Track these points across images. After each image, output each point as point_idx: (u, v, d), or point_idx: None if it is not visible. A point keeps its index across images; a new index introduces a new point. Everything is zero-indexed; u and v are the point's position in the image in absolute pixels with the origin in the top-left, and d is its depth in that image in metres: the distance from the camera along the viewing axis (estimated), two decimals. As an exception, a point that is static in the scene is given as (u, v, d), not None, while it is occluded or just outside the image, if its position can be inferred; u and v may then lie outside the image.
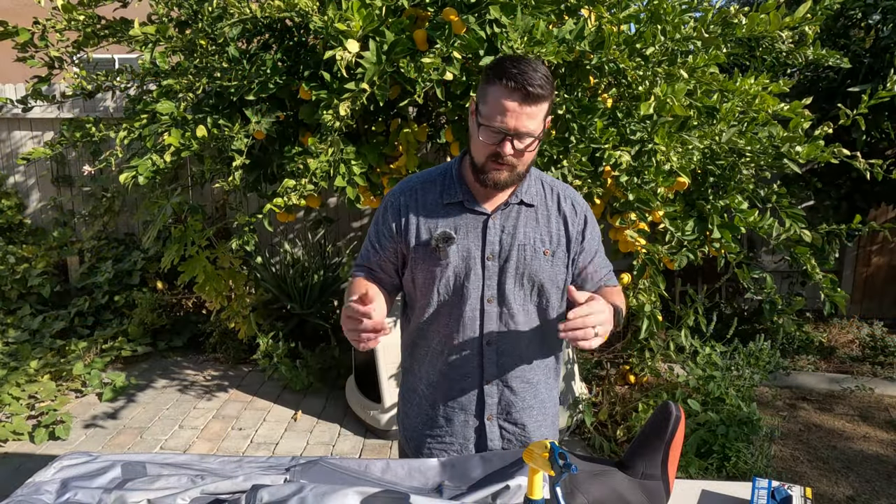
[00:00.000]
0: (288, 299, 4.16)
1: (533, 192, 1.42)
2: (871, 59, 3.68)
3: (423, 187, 1.43)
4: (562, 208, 1.43)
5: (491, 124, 1.26)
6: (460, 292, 1.39)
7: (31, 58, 2.93)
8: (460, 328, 1.41)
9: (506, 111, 1.24)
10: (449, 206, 1.40)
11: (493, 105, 1.25)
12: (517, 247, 1.38)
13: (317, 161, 2.42)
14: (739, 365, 3.19)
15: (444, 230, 1.37)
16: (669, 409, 1.27)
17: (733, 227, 2.50)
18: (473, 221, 1.38)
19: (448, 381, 1.45)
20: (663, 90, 2.30)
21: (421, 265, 1.40)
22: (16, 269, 4.52)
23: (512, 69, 1.23)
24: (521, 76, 1.22)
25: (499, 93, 1.24)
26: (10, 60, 3.33)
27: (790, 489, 1.25)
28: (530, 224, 1.40)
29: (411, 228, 1.40)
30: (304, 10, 2.29)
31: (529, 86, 1.22)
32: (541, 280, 1.40)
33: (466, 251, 1.38)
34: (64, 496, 1.16)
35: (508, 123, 1.25)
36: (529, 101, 1.23)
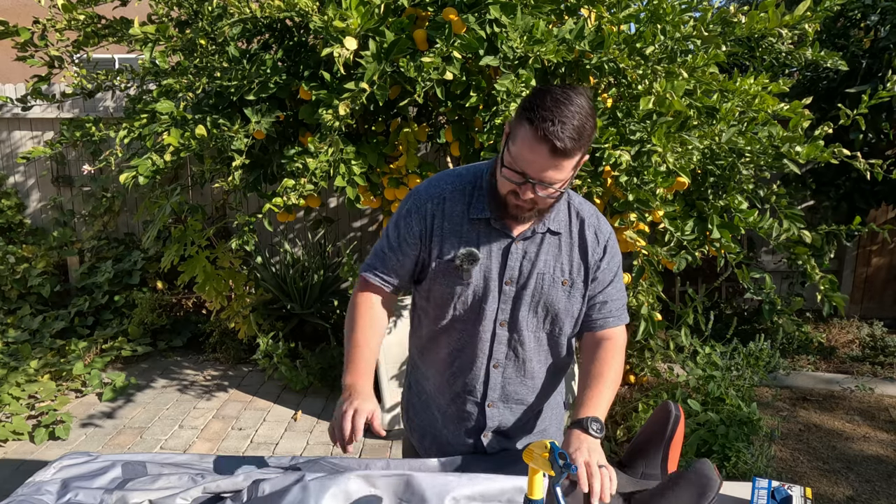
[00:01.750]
0: (288, 299, 4.16)
1: (560, 218, 1.36)
2: (870, 60, 3.68)
3: (452, 196, 1.36)
4: (585, 236, 1.37)
5: (514, 167, 1.20)
6: (476, 312, 1.36)
7: (30, 57, 2.93)
8: (470, 347, 1.39)
9: (532, 160, 1.17)
10: (475, 222, 1.34)
11: (520, 148, 1.18)
12: (536, 275, 1.34)
13: (316, 161, 2.42)
14: (739, 365, 3.19)
15: (471, 250, 1.32)
16: (669, 408, 1.27)
17: (733, 227, 2.51)
18: (497, 243, 1.34)
19: (452, 392, 1.46)
20: (662, 86, 2.30)
21: (441, 280, 1.36)
22: (16, 269, 4.52)
23: (548, 114, 1.13)
24: (554, 127, 1.13)
25: (529, 138, 1.16)
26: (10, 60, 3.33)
27: (790, 489, 1.25)
28: (552, 252, 1.35)
29: (435, 241, 1.35)
30: (304, 9, 2.29)
31: (559, 140, 1.13)
32: (556, 310, 1.37)
33: (487, 271, 1.34)
34: (65, 496, 1.16)
35: (531, 172, 1.18)
36: (558, 156, 1.16)
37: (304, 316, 4.19)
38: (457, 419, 1.47)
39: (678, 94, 2.30)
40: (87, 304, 4.45)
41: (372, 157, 2.70)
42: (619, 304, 1.41)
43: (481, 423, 1.46)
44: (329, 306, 4.29)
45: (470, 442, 1.48)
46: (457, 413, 1.47)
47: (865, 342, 4.32)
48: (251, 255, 4.30)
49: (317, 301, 4.19)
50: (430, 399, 1.51)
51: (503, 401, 1.44)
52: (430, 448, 1.52)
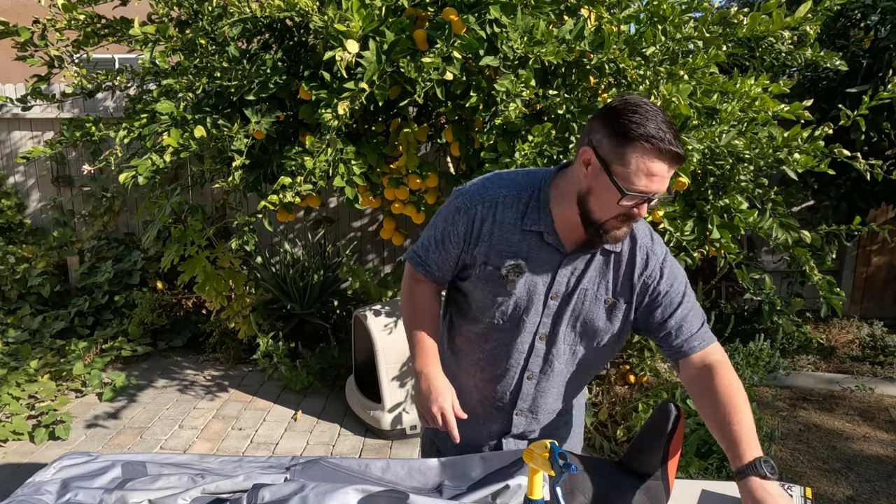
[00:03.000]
0: (288, 299, 4.16)
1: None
2: (870, 60, 3.68)
3: (506, 202, 1.31)
4: (634, 256, 1.32)
5: (635, 189, 1.15)
6: (516, 323, 1.35)
7: (30, 57, 2.93)
8: (505, 356, 1.39)
9: (654, 176, 1.14)
10: (526, 233, 1.30)
11: (638, 167, 1.13)
12: (579, 290, 1.32)
13: (314, 160, 2.42)
14: (739, 365, 3.19)
15: (519, 262, 1.30)
16: (669, 408, 1.27)
17: (733, 228, 2.51)
18: (548, 257, 1.31)
19: (480, 398, 1.46)
20: (668, 89, 2.29)
21: (483, 286, 1.34)
22: (16, 269, 4.52)
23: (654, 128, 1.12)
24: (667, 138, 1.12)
25: (647, 156, 1.13)
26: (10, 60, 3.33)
27: (790, 489, 1.25)
28: (598, 269, 1.32)
29: (482, 246, 1.32)
30: (304, 9, 2.29)
31: (677, 148, 1.12)
32: (595, 328, 1.35)
33: (533, 285, 1.32)
34: (65, 496, 1.16)
35: (653, 188, 1.15)
36: (674, 164, 1.15)
37: (304, 316, 4.19)
38: (481, 421, 1.48)
39: (683, 97, 2.30)
40: (87, 304, 4.45)
41: (372, 157, 2.70)
42: (697, 324, 1.33)
43: (506, 429, 1.47)
44: (329, 306, 4.29)
45: (491, 443, 1.49)
46: (481, 415, 1.47)
47: (865, 342, 4.32)
48: (251, 255, 4.30)
49: (317, 301, 4.20)
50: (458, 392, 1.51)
51: (532, 411, 1.44)
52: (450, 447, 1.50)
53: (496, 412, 1.46)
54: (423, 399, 1.34)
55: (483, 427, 1.48)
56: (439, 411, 1.30)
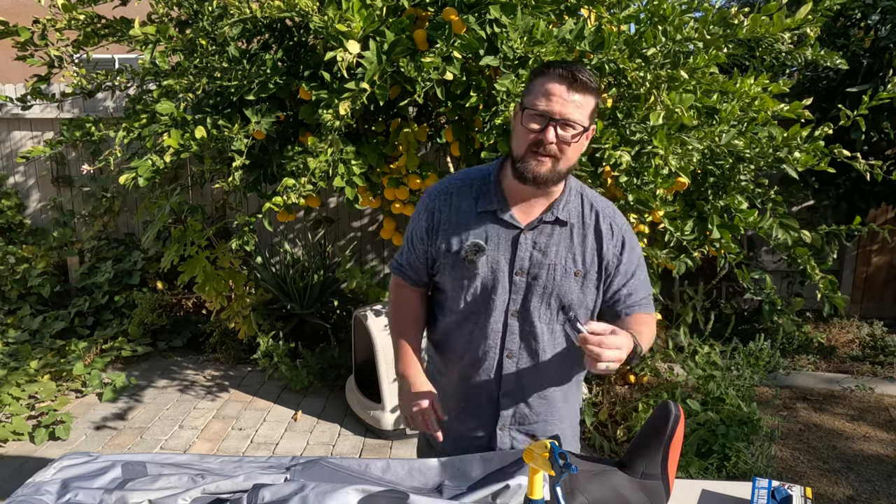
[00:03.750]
0: (288, 299, 4.16)
1: (570, 209, 1.36)
2: (871, 60, 3.68)
3: (460, 191, 1.40)
4: (599, 227, 1.37)
5: (535, 107, 1.24)
6: (486, 303, 1.38)
7: (30, 57, 2.93)
8: (483, 338, 1.40)
9: (551, 94, 1.22)
10: (482, 215, 1.36)
11: (538, 90, 1.24)
12: (547, 266, 1.34)
13: (316, 160, 2.42)
14: (739, 365, 3.19)
15: (476, 241, 1.35)
16: (669, 408, 1.27)
17: (733, 228, 2.51)
18: (505, 234, 1.35)
19: (466, 386, 1.46)
20: (672, 99, 2.29)
21: (450, 272, 1.39)
22: (16, 269, 4.52)
23: (559, 63, 1.25)
24: (568, 65, 1.23)
25: (545, 79, 1.24)
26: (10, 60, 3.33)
27: (790, 489, 1.25)
28: (564, 243, 1.35)
29: (441, 234, 1.39)
30: (304, 9, 2.29)
31: (578, 72, 1.22)
32: (569, 301, 1.37)
33: (496, 263, 1.35)
34: (65, 496, 1.16)
35: (553, 108, 1.23)
36: (576, 88, 1.22)
37: (304, 316, 4.19)
38: (471, 413, 1.47)
39: (686, 106, 2.30)
40: (87, 305, 4.45)
41: (372, 157, 2.70)
42: (644, 295, 1.42)
43: (495, 416, 1.45)
44: (329, 306, 4.29)
45: (483, 436, 1.47)
46: (470, 407, 1.47)
47: (865, 342, 4.32)
48: (251, 255, 4.30)
49: (317, 301, 4.20)
50: (444, 394, 1.50)
51: (518, 392, 1.43)
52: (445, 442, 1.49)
53: (484, 400, 1.45)
54: (404, 401, 1.41)
55: (474, 419, 1.47)
56: (419, 412, 1.37)
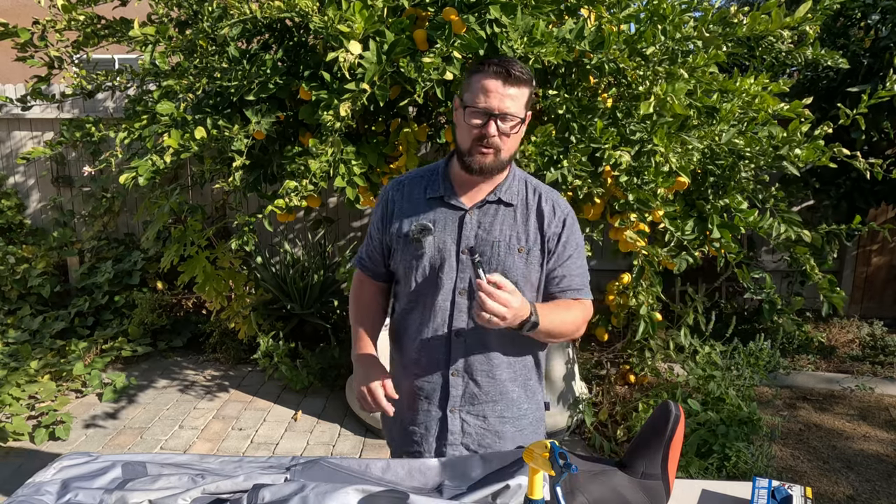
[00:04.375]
0: (288, 299, 4.16)
1: (514, 192, 1.46)
2: (871, 59, 3.68)
3: (412, 182, 1.51)
4: (541, 208, 1.45)
5: (475, 105, 1.33)
6: (434, 282, 1.45)
7: (30, 57, 2.93)
8: (432, 317, 1.46)
9: (488, 91, 1.32)
10: (431, 201, 1.46)
11: (475, 88, 1.33)
12: (492, 243, 1.42)
13: (317, 161, 2.42)
14: (739, 364, 3.19)
15: (423, 222, 1.44)
16: (669, 408, 1.27)
17: (733, 227, 2.51)
18: (451, 216, 1.44)
19: (417, 368, 1.50)
20: (663, 89, 2.30)
21: (401, 255, 1.48)
22: (16, 269, 4.52)
23: (492, 60, 1.34)
24: (502, 62, 1.33)
25: (481, 76, 1.33)
26: (10, 61, 3.33)
27: (790, 489, 1.25)
28: (507, 222, 1.43)
29: (394, 220, 1.49)
30: (304, 10, 2.29)
31: (511, 67, 1.31)
32: (514, 278, 1.42)
33: (442, 243, 1.44)
34: (65, 497, 1.16)
35: (492, 103, 1.32)
36: (511, 82, 1.31)
37: (304, 316, 4.19)
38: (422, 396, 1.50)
39: (679, 97, 2.30)
40: (87, 305, 4.45)
41: (372, 157, 2.70)
42: (579, 280, 1.48)
43: (445, 395, 1.48)
44: (329, 306, 4.29)
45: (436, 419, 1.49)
46: (421, 388, 1.49)
47: (865, 342, 4.32)
48: (251, 256, 4.30)
49: (317, 301, 4.20)
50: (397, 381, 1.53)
51: (467, 371, 1.47)
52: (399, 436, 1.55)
53: (434, 377, 1.48)
54: (357, 382, 1.46)
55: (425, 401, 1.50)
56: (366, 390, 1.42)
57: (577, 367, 3.34)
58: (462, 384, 1.48)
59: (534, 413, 1.56)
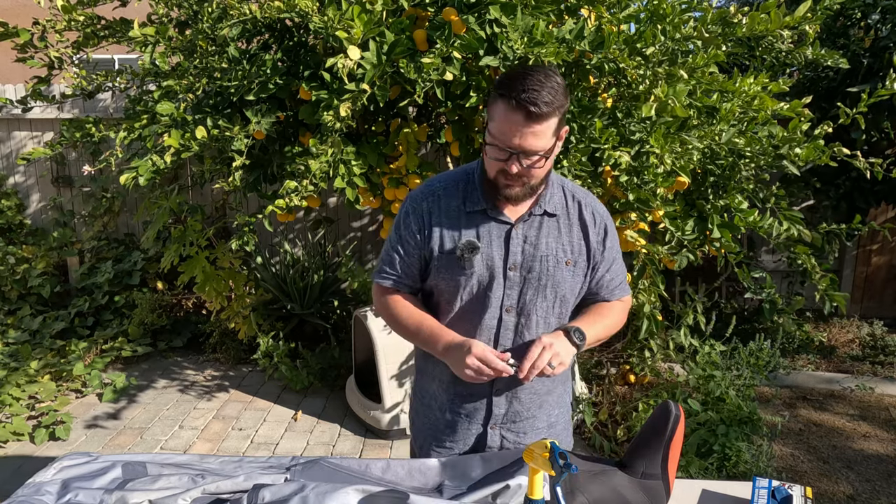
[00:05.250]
0: (288, 299, 4.16)
1: (556, 202, 1.40)
2: (871, 59, 3.68)
3: (446, 192, 1.41)
4: (583, 217, 1.41)
5: (496, 142, 1.25)
6: (482, 300, 1.39)
7: (30, 58, 2.93)
8: (477, 335, 1.40)
9: (510, 130, 1.22)
10: (472, 214, 1.38)
11: (498, 123, 1.24)
12: (540, 258, 1.37)
13: (317, 162, 2.42)
14: (739, 364, 3.19)
15: (470, 240, 1.36)
16: (669, 408, 1.27)
17: (733, 227, 2.51)
18: (497, 230, 1.37)
19: (459, 386, 1.45)
20: (664, 91, 2.30)
21: (444, 273, 1.39)
22: (16, 269, 4.52)
23: (517, 85, 1.20)
24: (525, 93, 1.19)
25: (503, 110, 1.23)
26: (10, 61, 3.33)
27: (790, 488, 1.25)
28: (552, 234, 1.38)
29: (434, 237, 1.39)
30: (303, 10, 2.29)
31: (532, 105, 1.19)
32: (563, 291, 1.40)
33: (490, 259, 1.37)
34: (65, 497, 1.16)
35: (513, 142, 1.23)
36: (533, 120, 1.21)
37: (304, 316, 4.19)
38: (462, 414, 1.47)
39: (680, 99, 2.30)
40: (87, 305, 4.45)
41: (372, 157, 2.70)
42: (622, 279, 1.50)
43: (488, 414, 1.46)
44: (329, 306, 4.29)
45: (475, 435, 1.47)
46: (463, 407, 1.46)
47: (865, 342, 4.32)
48: (251, 256, 4.30)
49: (317, 301, 4.19)
50: (434, 399, 1.50)
51: (509, 388, 1.44)
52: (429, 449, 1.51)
53: (477, 400, 1.45)
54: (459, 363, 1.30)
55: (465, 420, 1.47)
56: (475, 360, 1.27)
57: (577, 367, 3.34)
58: (506, 403, 1.45)
59: (565, 416, 1.56)
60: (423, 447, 1.54)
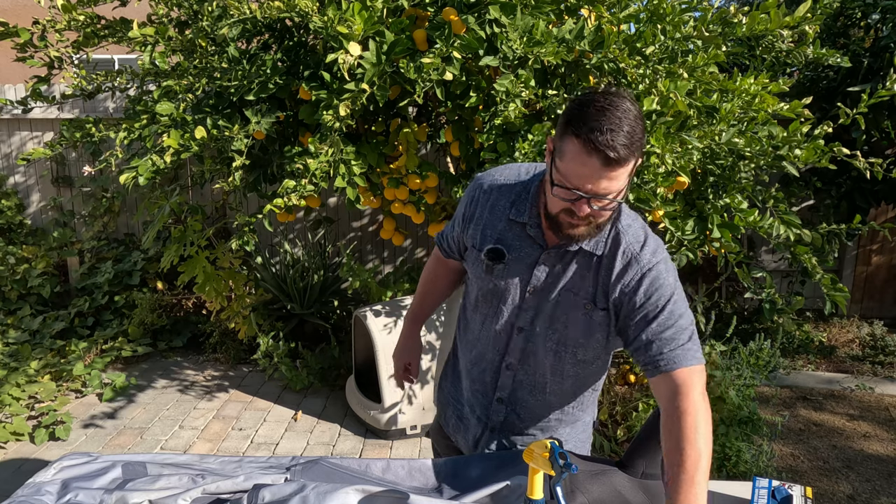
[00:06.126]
0: (288, 299, 4.16)
1: (598, 240, 1.27)
2: (871, 59, 3.68)
3: (501, 189, 1.35)
4: (613, 259, 1.26)
5: (566, 184, 1.13)
6: (495, 308, 1.37)
7: (30, 58, 2.93)
8: (488, 340, 1.42)
9: (584, 174, 1.10)
10: (512, 223, 1.33)
11: (570, 163, 1.11)
12: (560, 291, 1.29)
13: (316, 161, 2.42)
14: (739, 364, 3.18)
15: (497, 248, 1.32)
16: (670, 408, 1.26)
17: (733, 227, 2.50)
18: (528, 250, 1.31)
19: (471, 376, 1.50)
20: (666, 85, 2.29)
21: (472, 267, 1.42)
22: (16, 269, 4.52)
23: (594, 125, 1.07)
24: (603, 136, 1.06)
25: (577, 151, 1.09)
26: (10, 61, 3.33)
27: (790, 488, 1.25)
28: (581, 272, 1.28)
29: (472, 226, 1.39)
30: (303, 10, 2.29)
31: (612, 151, 1.06)
32: (575, 332, 1.31)
33: (510, 276, 1.32)
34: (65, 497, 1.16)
35: (585, 187, 1.11)
36: (611, 166, 1.08)
37: (304, 316, 4.19)
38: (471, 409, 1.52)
39: (681, 94, 2.30)
40: (87, 305, 4.45)
41: (372, 157, 2.70)
42: (673, 344, 1.20)
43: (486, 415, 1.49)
44: (329, 306, 4.29)
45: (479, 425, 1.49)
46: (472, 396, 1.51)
47: (865, 341, 4.32)
48: (251, 256, 4.30)
49: (317, 301, 4.19)
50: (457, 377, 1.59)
51: (511, 402, 1.44)
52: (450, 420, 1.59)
53: (481, 397, 1.47)
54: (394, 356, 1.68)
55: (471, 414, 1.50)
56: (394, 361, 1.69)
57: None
58: (504, 412, 1.45)
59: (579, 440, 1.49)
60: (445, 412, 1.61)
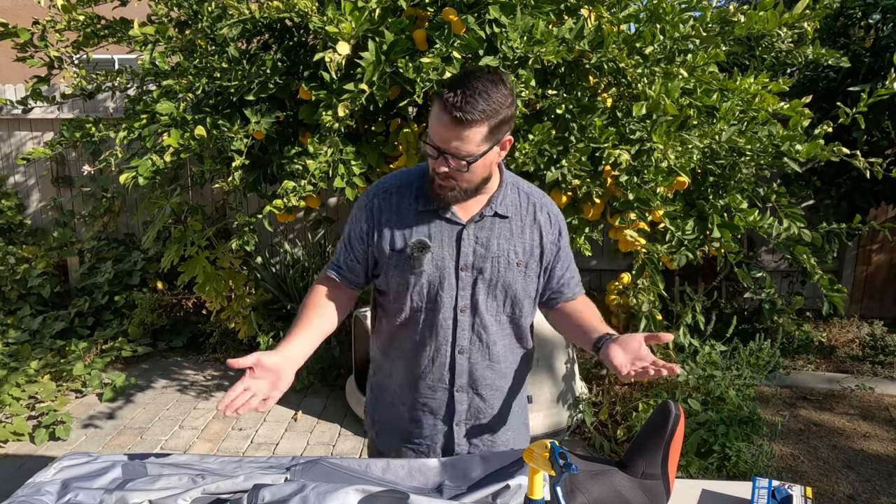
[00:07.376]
0: (288, 299, 4.16)
1: (508, 203, 1.40)
2: (872, 59, 3.68)
3: (399, 190, 1.41)
4: (537, 219, 1.42)
5: (429, 141, 1.27)
6: (434, 301, 1.39)
7: (30, 58, 2.93)
8: (433, 335, 1.41)
9: (437, 131, 1.24)
10: (423, 213, 1.38)
11: (432, 120, 1.26)
12: (491, 259, 1.37)
13: (315, 162, 2.42)
14: (739, 364, 3.19)
15: (420, 239, 1.36)
16: (669, 408, 1.27)
17: (733, 227, 2.51)
18: (448, 230, 1.37)
19: (419, 385, 1.46)
20: (657, 90, 2.30)
21: (394, 271, 1.39)
22: (16, 269, 4.52)
23: (452, 87, 1.22)
24: (455, 98, 1.20)
25: (436, 110, 1.24)
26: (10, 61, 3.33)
27: (790, 488, 1.25)
28: (504, 236, 1.39)
29: (385, 234, 1.39)
30: (303, 10, 2.29)
31: (458, 110, 1.20)
32: (514, 291, 1.40)
33: (441, 260, 1.37)
34: (65, 497, 1.16)
35: (438, 142, 1.25)
36: (457, 125, 1.21)
37: (304, 316, 4.18)
38: (426, 411, 1.48)
39: (673, 96, 2.30)
40: (87, 305, 4.45)
41: (371, 157, 2.70)
42: (578, 278, 1.53)
43: (451, 411, 1.47)
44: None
45: (441, 432, 1.48)
46: (426, 405, 1.47)
47: (865, 341, 4.32)
48: (251, 256, 4.30)
49: (317, 301, 4.19)
50: (396, 397, 1.51)
51: (472, 387, 1.45)
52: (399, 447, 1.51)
53: (439, 395, 1.46)
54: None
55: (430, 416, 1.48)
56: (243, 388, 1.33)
57: (577, 367, 3.34)
58: (467, 399, 1.46)
59: (523, 410, 1.59)
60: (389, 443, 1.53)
